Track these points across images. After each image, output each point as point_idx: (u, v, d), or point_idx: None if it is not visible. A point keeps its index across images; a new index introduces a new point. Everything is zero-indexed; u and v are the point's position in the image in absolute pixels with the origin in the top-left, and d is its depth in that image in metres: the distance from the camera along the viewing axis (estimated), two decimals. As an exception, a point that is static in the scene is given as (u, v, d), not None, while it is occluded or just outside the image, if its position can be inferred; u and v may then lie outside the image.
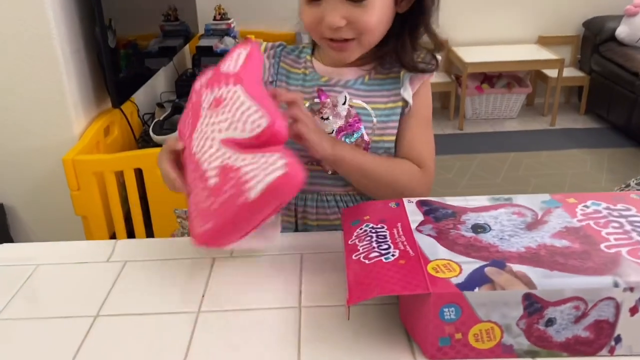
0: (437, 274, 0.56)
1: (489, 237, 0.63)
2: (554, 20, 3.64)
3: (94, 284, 0.69)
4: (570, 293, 0.54)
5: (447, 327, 0.55)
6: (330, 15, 0.76)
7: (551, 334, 0.56)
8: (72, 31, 1.72)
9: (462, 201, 0.72)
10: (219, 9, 3.05)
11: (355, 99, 0.86)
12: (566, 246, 0.61)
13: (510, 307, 0.55)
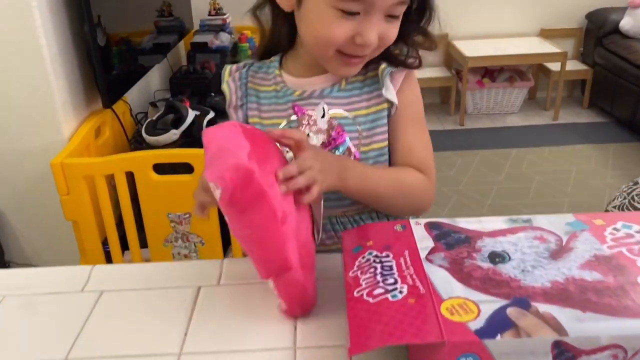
0: (452, 316, 0.49)
1: (509, 269, 0.56)
2: (556, 13, 3.57)
3: (65, 319, 0.62)
4: (607, 340, 0.47)
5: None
6: (371, 34, 0.70)
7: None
8: (60, 29, 1.66)
9: (476, 223, 0.65)
10: (214, 4, 2.98)
11: (334, 108, 0.79)
12: (598, 280, 0.54)
13: (537, 356, 0.48)
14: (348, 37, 0.71)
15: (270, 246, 0.57)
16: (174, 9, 2.51)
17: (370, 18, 0.69)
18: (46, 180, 1.66)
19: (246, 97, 0.82)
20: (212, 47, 2.68)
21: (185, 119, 1.87)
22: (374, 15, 0.69)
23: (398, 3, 0.70)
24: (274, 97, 0.81)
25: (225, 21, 2.91)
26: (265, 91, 0.82)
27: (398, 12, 0.71)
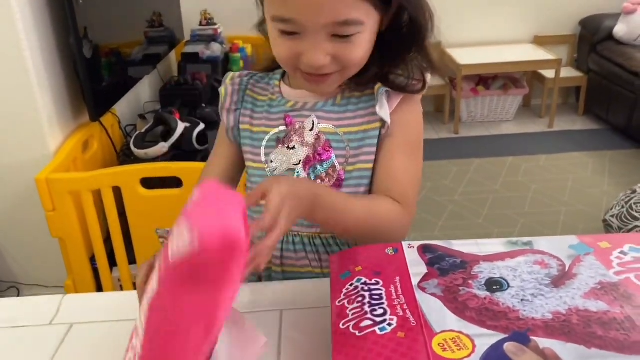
0: (444, 353, 0.46)
1: (508, 298, 0.52)
2: (550, 19, 3.56)
3: (32, 355, 0.58)
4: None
5: None
6: (313, 54, 0.66)
7: None
8: (45, 42, 1.63)
9: (472, 246, 0.60)
10: (205, 14, 2.95)
11: (324, 122, 0.76)
12: (604, 311, 0.50)
13: None
14: (292, 56, 0.68)
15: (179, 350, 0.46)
16: (165, 20, 2.48)
17: (310, 39, 0.65)
18: (31, 196, 1.62)
19: (242, 103, 0.81)
20: (203, 58, 2.64)
21: (175, 132, 1.83)
22: (312, 37, 0.65)
23: (339, 23, 0.64)
24: (267, 106, 0.80)
25: (217, 31, 2.88)
26: (262, 100, 0.81)
27: (349, 32, 0.66)
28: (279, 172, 0.76)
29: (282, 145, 0.77)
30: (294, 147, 0.76)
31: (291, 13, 0.64)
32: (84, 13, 1.64)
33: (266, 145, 0.78)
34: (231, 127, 0.81)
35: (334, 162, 0.75)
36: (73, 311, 0.64)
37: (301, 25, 0.64)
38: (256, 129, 0.79)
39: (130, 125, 2.15)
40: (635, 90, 2.96)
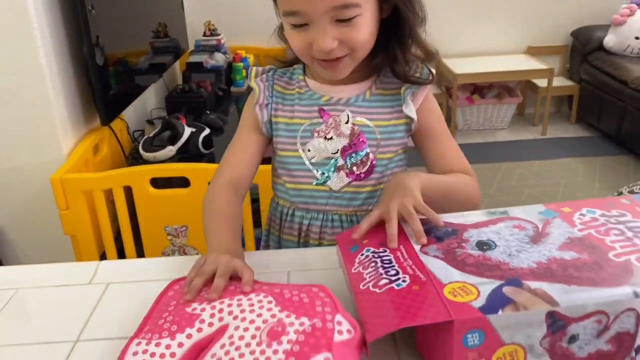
0: (456, 298, 0.54)
1: (497, 254, 0.61)
2: (543, 31, 3.67)
3: (75, 307, 0.68)
4: (592, 307, 0.53)
5: (471, 353, 0.52)
6: (321, 39, 0.75)
7: (574, 351, 0.55)
8: (60, 49, 1.72)
9: (459, 217, 0.70)
10: (209, 24, 3.05)
11: (357, 116, 0.85)
12: (576, 258, 0.60)
13: (533, 327, 0.53)
14: (305, 46, 0.77)
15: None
16: (170, 30, 2.58)
17: (316, 27, 0.74)
18: (45, 196, 1.70)
19: (272, 98, 0.88)
20: (207, 67, 2.74)
21: (182, 136, 1.92)
22: (318, 24, 0.74)
23: (339, 7, 0.73)
24: (297, 99, 0.88)
25: (220, 42, 2.98)
26: (289, 94, 0.89)
27: (349, 15, 0.74)
28: (317, 159, 0.85)
29: (318, 135, 0.85)
30: (331, 138, 0.85)
31: (296, 5, 0.73)
32: (96, 23, 1.73)
33: (301, 135, 0.86)
34: (265, 121, 0.88)
35: (367, 151, 0.85)
36: (108, 273, 0.74)
37: (306, 15, 0.74)
38: (291, 120, 0.87)
39: (138, 131, 2.24)
40: (624, 98, 3.06)
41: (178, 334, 0.53)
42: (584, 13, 3.58)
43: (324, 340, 0.51)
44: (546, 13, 3.61)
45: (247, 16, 3.21)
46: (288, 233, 0.90)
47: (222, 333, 0.53)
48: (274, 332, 0.52)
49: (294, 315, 0.54)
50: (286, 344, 0.50)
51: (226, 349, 0.51)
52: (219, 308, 0.56)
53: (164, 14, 2.57)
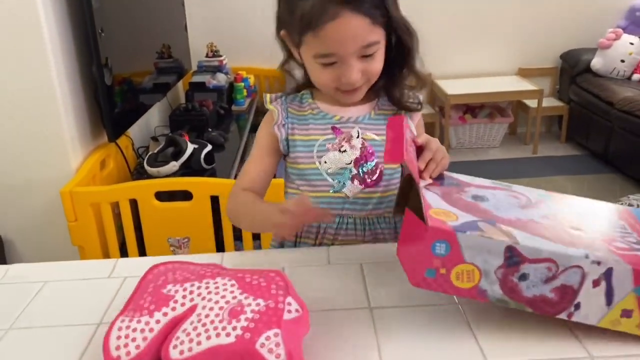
0: (437, 216, 0.65)
1: (487, 205, 0.71)
2: (533, 53, 3.80)
3: (97, 296, 0.77)
4: (546, 254, 0.62)
5: (435, 260, 0.63)
6: (350, 74, 0.87)
7: (522, 288, 0.64)
8: (71, 69, 1.81)
9: (468, 178, 0.81)
10: (211, 46, 3.16)
11: (366, 132, 0.97)
12: (549, 224, 0.69)
13: (492, 254, 0.62)
14: (333, 80, 0.89)
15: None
16: (174, 52, 2.69)
17: (346, 64, 0.87)
18: (53, 208, 1.78)
19: (287, 119, 0.99)
20: (209, 87, 2.85)
21: (185, 152, 2.01)
22: (347, 61, 0.87)
23: (365, 46, 0.86)
24: (311, 119, 0.99)
25: (222, 62, 3.09)
26: (302, 115, 1.00)
27: (371, 51, 0.87)
28: (333, 170, 0.96)
29: (333, 148, 0.96)
30: (345, 151, 0.96)
31: (331, 49, 0.85)
32: (105, 45, 1.83)
33: (318, 149, 0.97)
34: (283, 139, 0.98)
35: (376, 161, 0.96)
36: (126, 269, 0.83)
37: (339, 56, 0.86)
38: (306, 137, 0.98)
39: (142, 147, 2.33)
40: (611, 119, 3.17)
41: (156, 312, 0.63)
42: (572, 37, 3.71)
43: (274, 318, 0.61)
44: (536, 36, 3.74)
45: (248, 39, 3.34)
46: (306, 237, 1.00)
47: (192, 312, 0.63)
48: (234, 311, 0.62)
49: (251, 297, 0.64)
50: (244, 321, 0.60)
51: (194, 325, 0.61)
52: (190, 290, 0.66)
53: (168, 36, 2.68)
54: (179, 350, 0.59)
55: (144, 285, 0.68)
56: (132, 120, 2.15)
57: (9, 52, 1.66)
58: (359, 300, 0.75)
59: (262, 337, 0.59)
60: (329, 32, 0.83)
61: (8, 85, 1.69)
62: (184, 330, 0.61)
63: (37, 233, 1.88)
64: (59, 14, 1.74)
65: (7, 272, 0.86)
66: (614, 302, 0.64)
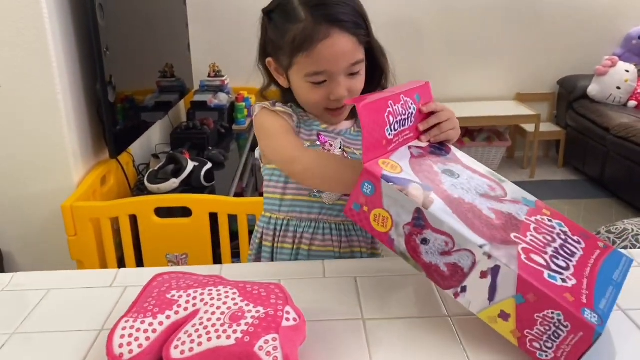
0: (382, 165, 0.71)
1: (446, 179, 0.74)
2: (531, 79, 3.86)
3: (99, 304, 0.79)
4: (446, 229, 0.66)
5: (362, 197, 0.71)
6: (339, 90, 0.92)
7: (422, 251, 0.69)
8: (75, 86, 1.84)
9: (467, 159, 0.84)
10: (214, 66, 3.21)
11: (347, 145, 1.01)
12: (488, 216, 0.71)
13: (404, 210, 0.68)
14: (322, 99, 0.94)
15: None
16: (176, 71, 2.73)
17: (335, 81, 0.92)
18: (53, 222, 1.80)
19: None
20: (210, 106, 2.88)
21: (185, 169, 2.04)
22: (336, 79, 0.92)
23: (353, 64, 0.91)
24: (302, 124, 1.02)
25: (224, 82, 3.13)
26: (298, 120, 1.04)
27: (357, 69, 0.93)
28: None
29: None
30: None
31: (323, 67, 0.90)
32: (110, 63, 1.87)
33: None
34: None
35: None
36: (127, 279, 0.85)
37: (330, 74, 0.91)
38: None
39: (143, 164, 2.36)
40: (606, 144, 3.20)
41: (159, 314, 0.66)
42: (569, 63, 3.78)
43: (273, 325, 0.63)
44: (534, 62, 3.80)
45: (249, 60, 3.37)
46: (283, 242, 1.03)
47: (194, 316, 0.66)
48: (235, 316, 0.64)
49: (252, 304, 0.66)
50: (244, 326, 0.63)
51: (196, 328, 0.64)
52: (193, 296, 0.68)
53: (172, 55, 2.72)
54: (180, 350, 0.61)
55: (148, 291, 0.70)
56: (133, 137, 2.17)
57: (16, 67, 1.69)
58: (353, 311, 0.77)
59: (261, 341, 0.61)
60: (321, 51, 0.88)
61: (13, 99, 1.72)
62: (186, 332, 0.63)
63: (36, 246, 1.89)
64: (66, 31, 1.78)
65: (11, 280, 0.88)
66: (495, 300, 0.66)
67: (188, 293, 0.68)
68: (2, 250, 1.88)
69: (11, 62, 1.68)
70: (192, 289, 0.69)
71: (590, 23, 3.71)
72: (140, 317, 0.65)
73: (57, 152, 1.79)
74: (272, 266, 0.96)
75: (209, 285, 0.70)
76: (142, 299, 0.69)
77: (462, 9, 3.62)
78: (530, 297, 0.63)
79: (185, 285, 0.70)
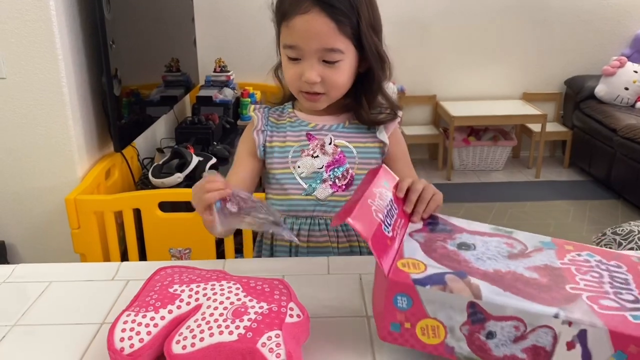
0: (403, 267, 0.63)
1: (469, 255, 0.68)
2: (538, 78, 3.83)
3: (100, 297, 0.79)
4: (511, 312, 0.58)
5: (399, 314, 0.61)
6: (309, 72, 0.93)
7: (490, 347, 0.60)
8: (80, 79, 1.84)
9: (465, 224, 0.77)
10: (219, 61, 3.20)
11: (338, 139, 1.02)
12: (533, 278, 0.64)
13: (455, 310, 0.60)
14: (295, 77, 0.95)
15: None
16: (182, 66, 2.73)
17: (307, 61, 0.92)
18: (57, 216, 1.80)
19: (267, 126, 1.05)
20: (216, 101, 2.88)
21: (189, 164, 2.04)
22: (308, 59, 0.92)
23: (327, 49, 0.91)
24: (288, 127, 1.04)
25: (229, 78, 3.13)
26: (282, 124, 1.06)
27: (333, 59, 0.92)
28: (306, 174, 1.01)
29: (306, 154, 1.01)
30: (317, 156, 1.01)
31: (295, 41, 0.91)
32: (116, 57, 1.87)
33: (292, 155, 1.02)
34: (260, 144, 1.03)
35: (347, 167, 1.01)
36: (129, 272, 0.85)
37: (301, 50, 0.92)
38: (282, 144, 1.03)
39: (147, 158, 2.36)
40: (613, 145, 3.18)
41: (161, 309, 0.65)
42: (577, 63, 3.75)
43: (277, 321, 0.62)
44: (541, 62, 3.78)
45: (255, 55, 3.38)
46: (280, 239, 1.04)
47: (196, 310, 0.65)
48: (238, 312, 0.63)
49: (255, 300, 0.65)
50: (246, 322, 0.62)
51: (198, 323, 0.63)
52: (196, 290, 0.67)
53: (178, 50, 2.72)
54: (181, 345, 0.61)
55: (150, 285, 0.70)
56: (138, 131, 2.17)
57: (21, 59, 1.69)
58: (357, 309, 0.76)
59: (264, 337, 0.60)
60: (296, 24, 0.89)
61: (18, 92, 1.72)
62: (188, 327, 0.63)
63: (40, 239, 1.89)
64: (72, 24, 1.78)
65: (13, 272, 0.88)
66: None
67: (190, 287, 0.68)
68: (6, 243, 1.88)
69: (17, 54, 1.68)
70: (195, 283, 0.68)
71: (599, 23, 3.68)
72: (142, 311, 0.65)
73: (61, 145, 1.79)
74: (275, 262, 0.96)
75: (211, 279, 0.69)
76: (144, 293, 0.68)
77: (469, 8, 3.59)
78: (632, 349, 0.57)
79: (187, 279, 0.70)
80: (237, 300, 0.65)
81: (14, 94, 1.72)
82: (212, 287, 0.68)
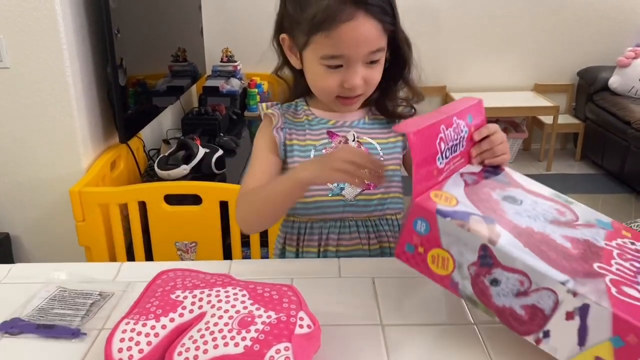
0: (435, 198, 0.63)
1: (508, 207, 0.66)
2: (550, 69, 3.77)
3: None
4: (519, 265, 0.58)
5: (415, 237, 0.63)
6: (355, 79, 0.86)
7: (492, 294, 0.60)
8: (85, 69, 1.81)
9: (526, 182, 0.75)
10: (226, 51, 3.17)
11: (362, 136, 0.97)
12: (564, 246, 0.62)
13: (468, 248, 0.60)
14: (336, 85, 0.88)
15: None
16: (189, 55, 2.69)
17: (352, 68, 0.86)
18: (62, 208, 1.77)
19: (285, 124, 0.99)
20: (222, 91, 2.84)
21: (196, 156, 2.00)
22: (354, 65, 0.86)
23: (373, 52, 0.85)
24: (307, 125, 0.98)
25: (236, 68, 3.09)
26: (299, 122, 0.99)
27: (377, 58, 0.87)
28: None
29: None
30: None
31: (342, 50, 0.84)
32: (121, 46, 1.83)
33: (315, 154, 0.96)
34: (281, 143, 0.97)
35: None
36: (131, 273, 0.82)
37: (347, 59, 0.85)
38: (303, 143, 0.97)
39: (153, 150, 2.33)
40: (627, 138, 3.12)
41: (162, 317, 0.61)
42: (590, 54, 3.68)
43: (286, 332, 0.59)
44: (554, 53, 3.71)
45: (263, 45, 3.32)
46: (308, 245, 0.98)
47: (200, 319, 0.61)
48: (244, 322, 0.60)
49: (263, 308, 0.62)
50: (253, 332, 0.58)
51: (202, 333, 0.59)
52: (199, 297, 0.64)
53: (184, 39, 2.68)
54: (183, 357, 0.57)
55: (151, 290, 0.66)
56: (144, 122, 2.14)
57: (25, 49, 1.66)
58: (370, 316, 0.72)
59: (272, 350, 0.57)
60: (342, 33, 0.82)
61: (22, 82, 1.69)
62: (191, 337, 0.59)
63: (44, 232, 1.87)
64: (76, 13, 1.74)
65: (9, 272, 0.85)
66: (587, 345, 0.57)
67: (194, 294, 0.64)
68: (10, 235, 1.86)
69: (21, 43, 1.65)
70: (199, 289, 0.65)
71: (613, 12, 3.60)
72: (142, 319, 0.61)
73: (66, 135, 1.76)
74: (284, 263, 0.92)
75: (216, 285, 0.66)
76: (144, 299, 0.65)
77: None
78: (631, 339, 0.54)
79: (191, 284, 0.66)
80: (243, 308, 0.62)
81: (17, 84, 1.69)
82: (216, 294, 0.64)
